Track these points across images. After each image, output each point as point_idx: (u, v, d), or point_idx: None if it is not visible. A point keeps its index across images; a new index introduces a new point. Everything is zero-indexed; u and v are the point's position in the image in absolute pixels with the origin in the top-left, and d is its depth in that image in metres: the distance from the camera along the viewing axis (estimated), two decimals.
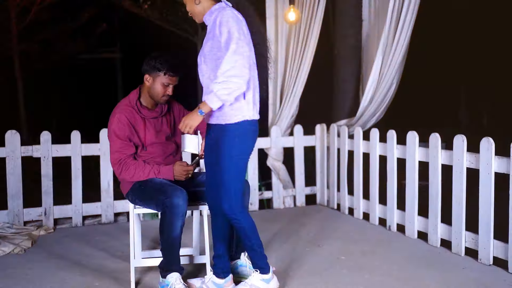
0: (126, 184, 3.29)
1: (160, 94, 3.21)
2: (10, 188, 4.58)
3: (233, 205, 2.91)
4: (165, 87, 3.20)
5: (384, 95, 5.13)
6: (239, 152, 2.87)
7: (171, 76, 3.19)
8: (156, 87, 3.20)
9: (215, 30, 2.79)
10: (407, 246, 4.14)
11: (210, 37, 2.84)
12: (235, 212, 2.93)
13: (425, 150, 4.23)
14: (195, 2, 2.88)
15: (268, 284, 3.08)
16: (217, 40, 2.78)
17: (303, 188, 5.61)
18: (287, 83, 5.47)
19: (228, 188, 2.89)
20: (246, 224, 2.98)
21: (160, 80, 3.19)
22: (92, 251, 4.05)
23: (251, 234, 3.00)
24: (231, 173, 2.89)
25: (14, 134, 4.60)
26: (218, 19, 2.78)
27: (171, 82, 3.20)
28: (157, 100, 3.25)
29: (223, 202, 2.91)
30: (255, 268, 3.08)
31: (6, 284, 3.38)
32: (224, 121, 2.85)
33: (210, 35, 2.84)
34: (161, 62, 3.16)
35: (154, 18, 10.71)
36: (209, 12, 2.89)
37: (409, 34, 4.89)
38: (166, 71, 3.17)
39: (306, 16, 5.31)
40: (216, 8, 2.88)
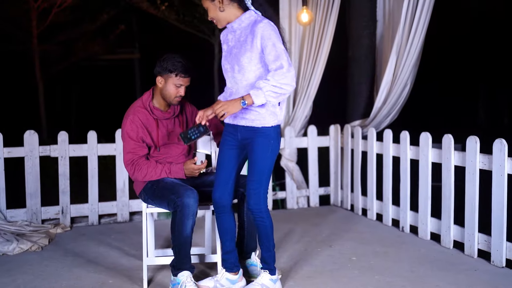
0: (139, 184, 3.35)
1: (172, 95, 3.27)
2: (28, 187, 4.69)
3: (262, 203, 3.01)
4: (177, 88, 3.26)
5: (398, 96, 5.11)
6: (273, 154, 3.00)
7: (182, 78, 3.24)
8: (168, 89, 3.26)
9: (255, 42, 2.86)
10: (419, 247, 4.13)
11: (247, 48, 2.89)
12: (262, 210, 3.02)
13: (438, 151, 4.21)
14: (219, 10, 2.93)
15: (275, 284, 3.15)
16: (257, 52, 2.87)
17: (317, 188, 5.63)
18: (301, 84, 5.49)
19: (259, 187, 2.99)
20: (269, 223, 3.07)
21: (172, 81, 3.24)
22: (107, 249, 4.13)
23: (271, 233, 3.09)
24: (264, 174, 3.00)
25: (32, 134, 4.70)
26: (258, 32, 2.84)
27: (183, 83, 3.26)
28: (169, 101, 3.30)
29: (252, 200, 2.99)
30: (265, 269, 3.13)
31: (23, 280, 3.47)
32: (261, 124, 2.96)
33: (248, 46, 2.89)
34: (173, 64, 3.22)
35: (171, 19, 10.81)
36: (238, 20, 2.95)
37: (423, 34, 4.87)
38: (177, 73, 3.22)
39: (320, 17, 5.32)
40: (247, 17, 2.94)
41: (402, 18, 4.87)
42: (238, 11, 2.95)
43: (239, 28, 2.96)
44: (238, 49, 2.94)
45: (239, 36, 2.96)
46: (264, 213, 3.03)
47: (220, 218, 3.15)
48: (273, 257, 3.14)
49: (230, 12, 2.94)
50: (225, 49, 3.06)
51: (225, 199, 3.11)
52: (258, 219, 3.04)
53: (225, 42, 3.07)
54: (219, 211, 3.14)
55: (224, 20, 2.97)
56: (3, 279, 3.49)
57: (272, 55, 2.83)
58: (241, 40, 2.94)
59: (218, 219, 3.16)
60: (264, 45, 2.84)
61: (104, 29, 11.65)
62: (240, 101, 2.82)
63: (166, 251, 3.77)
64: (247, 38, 2.91)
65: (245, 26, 2.94)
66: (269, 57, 2.84)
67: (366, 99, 5.54)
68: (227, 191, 3.11)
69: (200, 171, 3.23)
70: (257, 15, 2.95)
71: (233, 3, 2.93)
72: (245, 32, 2.93)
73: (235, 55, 2.95)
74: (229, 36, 3.03)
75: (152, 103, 3.32)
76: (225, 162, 3.10)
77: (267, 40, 2.83)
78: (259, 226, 3.06)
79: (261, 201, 3.01)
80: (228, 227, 3.17)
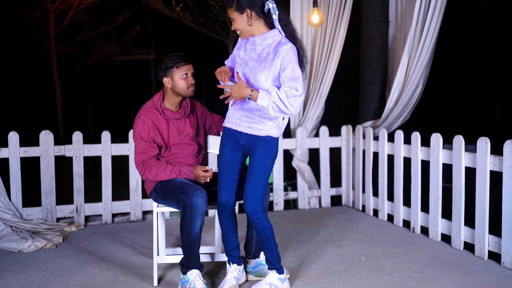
0: (149, 184, 3.41)
1: (185, 86, 3.32)
2: (43, 186, 4.79)
3: (258, 207, 3.08)
4: (186, 78, 3.32)
5: (410, 97, 5.11)
6: (272, 162, 3.12)
7: (183, 66, 3.31)
8: (178, 83, 3.31)
9: (276, 61, 2.96)
10: (429, 248, 4.12)
11: (267, 66, 2.98)
12: (258, 212, 3.08)
13: (449, 152, 4.20)
14: (247, 23, 3.00)
15: (283, 283, 3.19)
16: (275, 71, 2.97)
17: (329, 189, 5.64)
18: (313, 85, 5.51)
19: (257, 191, 3.07)
20: (267, 225, 3.13)
21: (177, 74, 3.30)
22: (120, 248, 4.20)
23: (270, 235, 3.14)
24: (263, 180, 3.10)
25: (47, 134, 4.80)
26: (281, 53, 2.94)
27: (187, 71, 3.31)
28: (185, 94, 3.34)
29: (249, 204, 3.06)
30: (272, 269, 3.17)
31: (37, 277, 3.55)
32: (266, 134, 3.08)
33: (268, 64, 2.98)
34: (170, 60, 3.30)
35: (186, 20, 10.91)
36: (263, 36, 3.02)
37: (435, 35, 4.86)
38: (178, 64, 3.30)
39: (332, 18, 5.34)
40: (272, 35, 3.01)
41: (414, 19, 4.86)
42: (264, 27, 3.04)
43: (261, 44, 3.04)
44: (257, 64, 3.02)
45: (260, 51, 3.04)
46: (261, 215, 3.08)
47: (226, 218, 3.21)
48: (277, 256, 3.18)
49: (256, 27, 3.02)
50: (240, 56, 3.13)
51: (232, 200, 3.18)
52: (256, 221, 3.09)
53: (242, 48, 3.15)
54: (225, 212, 3.19)
55: (248, 33, 3.05)
56: (18, 275, 3.58)
57: (289, 77, 2.94)
58: (262, 56, 3.03)
59: (224, 219, 3.21)
60: (283, 66, 2.95)
61: (120, 31, 11.79)
62: (249, 93, 2.93)
63: (177, 250, 3.83)
64: (268, 56, 3.00)
65: (269, 44, 3.02)
66: (286, 78, 2.95)
67: (378, 100, 5.54)
68: (233, 193, 3.18)
69: (205, 180, 3.25)
70: (281, 35, 3.02)
71: (260, 19, 3.01)
72: (267, 49, 3.02)
73: (252, 69, 3.03)
74: (248, 46, 3.11)
75: (163, 104, 3.38)
76: (228, 164, 3.17)
77: (288, 63, 2.94)
78: (258, 229, 3.12)
79: (257, 205, 3.06)
80: (234, 225, 3.24)
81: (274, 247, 3.16)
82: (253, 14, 2.98)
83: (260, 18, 3.01)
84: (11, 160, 4.67)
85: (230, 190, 3.16)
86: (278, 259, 3.19)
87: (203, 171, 3.24)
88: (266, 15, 3.01)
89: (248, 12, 2.97)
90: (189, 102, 3.48)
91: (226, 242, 3.26)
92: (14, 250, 4.10)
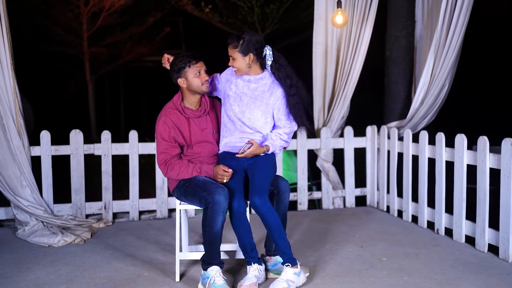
0: (172, 182, 3.50)
1: (199, 84, 3.41)
2: (73, 183, 4.95)
3: (266, 198, 3.27)
4: (199, 76, 3.40)
5: (436, 97, 5.06)
6: (274, 168, 3.51)
7: (195, 64, 3.40)
8: (192, 82, 3.40)
9: (272, 99, 3.44)
10: (453, 250, 4.09)
11: (263, 103, 3.43)
12: (266, 201, 3.26)
13: (474, 153, 4.16)
14: (247, 66, 3.41)
15: (298, 277, 3.29)
16: (271, 107, 3.45)
17: (353, 189, 5.64)
18: (338, 85, 5.52)
19: (264, 185, 3.33)
20: (276, 214, 3.30)
21: (191, 73, 3.39)
22: (145, 244, 4.31)
23: (280, 224, 3.32)
24: (267, 176, 3.41)
25: (77, 133, 4.95)
26: (277, 94, 3.43)
27: (199, 69, 3.41)
28: (201, 91, 3.43)
29: (258, 196, 3.24)
30: (286, 261, 3.28)
31: (65, 271, 3.69)
32: (271, 151, 3.48)
33: (264, 100, 3.43)
34: (181, 61, 3.40)
35: (215, 21, 11.03)
36: (259, 76, 3.46)
37: (462, 34, 4.80)
38: (189, 63, 3.39)
39: (357, 17, 5.33)
40: (264, 76, 3.47)
41: (440, 18, 4.82)
42: (259, 69, 3.47)
43: (256, 82, 3.46)
44: (252, 100, 3.43)
45: (254, 88, 3.46)
46: (269, 204, 3.26)
47: (240, 222, 3.29)
48: (289, 246, 3.32)
49: (253, 68, 3.45)
50: (232, 90, 3.49)
51: (242, 206, 3.28)
52: (266, 210, 3.24)
53: (233, 82, 3.51)
54: (238, 217, 3.28)
55: (244, 72, 3.44)
56: (47, 269, 3.72)
57: (286, 115, 3.47)
58: (256, 93, 3.45)
59: (238, 224, 3.29)
60: (278, 106, 3.45)
61: (151, 32, 12.00)
62: (263, 152, 3.41)
63: (200, 247, 3.90)
64: (263, 94, 3.44)
65: (263, 83, 3.46)
66: (283, 115, 3.46)
67: (404, 100, 5.50)
68: (243, 199, 3.29)
69: (223, 178, 3.32)
70: (272, 78, 3.48)
71: (257, 62, 3.44)
72: (262, 88, 3.45)
73: (247, 104, 3.43)
74: (240, 81, 3.49)
75: (183, 104, 3.46)
76: (235, 169, 3.38)
77: (281, 104, 3.45)
78: (268, 218, 3.24)
79: (265, 196, 3.26)
80: (248, 228, 3.33)
81: (286, 236, 3.31)
82: (254, 58, 3.38)
83: (257, 61, 3.42)
84: (43, 158, 4.85)
85: (240, 197, 3.27)
86: (290, 249, 3.31)
87: (224, 170, 3.30)
88: (262, 59, 3.43)
89: (250, 56, 3.37)
90: (209, 99, 3.57)
91: (243, 245, 3.33)
92: (44, 245, 4.26)
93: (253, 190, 3.27)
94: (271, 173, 3.42)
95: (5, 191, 4.57)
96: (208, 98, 3.56)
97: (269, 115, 3.48)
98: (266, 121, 3.47)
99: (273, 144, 3.46)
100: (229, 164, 3.42)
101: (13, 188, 4.57)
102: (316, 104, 5.62)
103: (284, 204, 3.51)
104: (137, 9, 11.34)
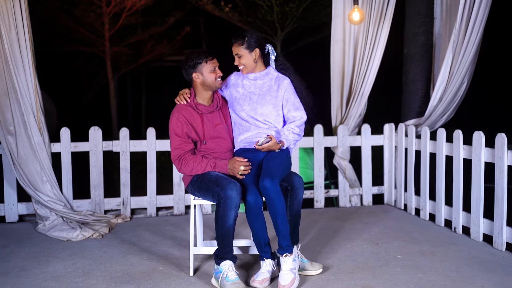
0: (186, 178, 3.54)
1: (213, 79, 3.46)
2: (92, 179, 5.03)
3: (276, 182, 3.31)
4: (214, 72, 3.46)
5: (454, 94, 5.00)
6: (288, 160, 3.57)
7: (211, 60, 3.46)
8: (207, 77, 3.45)
9: (280, 92, 3.56)
10: (470, 248, 4.04)
11: (272, 97, 3.54)
12: (277, 184, 3.31)
13: (492, 150, 4.11)
14: (254, 61, 3.55)
15: (296, 262, 3.37)
16: (280, 100, 3.56)
17: (370, 187, 5.61)
18: (355, 82, 5.50)
19: (276, 171, 3.37)
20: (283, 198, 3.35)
21: (206, 69, 3.44)
22: (161, 239, 4.36)
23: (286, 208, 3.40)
24: (281, 165, 3.45)
25: (96, 130, 5.04)
26: (284, 85, 3.56)
27: (215, 65, 3.48)
28: (215, 86, 3.48)
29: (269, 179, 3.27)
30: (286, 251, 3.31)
31: (82, 264, 3.76)
32: (286, 146, 3.55)
33: (273, 94, 3.55)
34: (196, 56, 3.45)
35: (235, 20, 11.07)
36: (264, 72, 3.59)
37: (481, 31, 4.74)
38: (206, 59, 3.45)
39: (375, 15, 5.31)
40: (270, 72, 3.61)
41: (459, 15, 4.76)
42: (263, 65, 3.62)
43: (262, 79, 3.58)
44: (261, 96, 3.54)
45: (260, 85, 3.58)
46: (278, 187, 3.30)
47: (256, 217, 3.31)
48: (290, 234, 3.38)
49: (258, 65, 3.59)
50: (240, 92, 3.59)
51: (259, 201, 3.30)
52: (275, 193, 3.27)
53: (238, 86, 3.61)
54: (254, 211, 3.30)
55: (250, 69, 3.57)
56: (65, 262, 3.80)
57: (293, 107, 3.58)
58: (264, 89, 3.56)
59: (253, 218, 3.31)
60: (287, 97, 3.57)
61: (172, 31, 12.12)
62: (280, 147, 3.48)
63: (214, 243, 3.93)
64: (270, 88, 3.56)
65: (269, 79, 3.59)
66: (291, 108, 3.57)
67: (422, 98, 5.46)
68: (258, 193, 3.31)
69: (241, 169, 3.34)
70: (277, 72, 3.63)
71: (261, 59, 3.59)
72: (269, 83, 3.58)
73: (257, 101, 3.54)
74: (246, 82, 3.60)
75: (195, 100, 3.50)
76: (251, 164, 3.42)
77: (290, 94, 3.57)
78: (277, 202, 3.27)
79: (276, 180, 3.31)
80: (263, 222, 3.34)
81: (288, 222, 3.38)
82: (259, 53, 3.53)
83: (261, 57, 3.58)
84: (63, 154, 4.95)
85: (256, 190, 3.30)
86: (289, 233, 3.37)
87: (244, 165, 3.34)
88: (265, 56, 3.62)
89: (256, 51, 3.52)
90: (221, 95, 3.61)
91: (257, 239, 3.35)
92: (63, 239, 4.35)
93: (265, 174, 3.31)
94: (285, 164, 3.46)
95: (26, 187, 4.67)
96: (220, 94, 3.60)
97: (280, 107, 3.58)
98: (278, 114, 3.57)
99: (287, 139, 3.53)
100: (245, 157, 3.46)
101: (34, 183, 4.67)
102: (334, 102, 5.61)
103: (298, 201, 3.50)
104: (158, 9, 11.47)
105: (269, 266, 3.36)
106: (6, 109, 4.59)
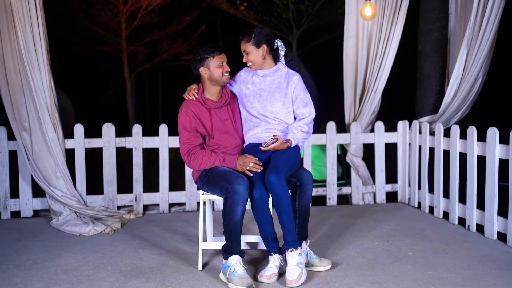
0: (195, 172, 3.55)
1: (220, 74, 3.45)
2: (105, 175, 5.08)
3: (282, 177, 3.29)
4: (221, 67, 3.45)
5: (469, 91, 4.93)
6: (297, 156, 3.54)
7: (218, 55, 3.46)
8: (214, 72, 3.45)
9: (289, 88, 3.53)
10: (483, 246, 3.98)
11: (282, 93, 3.52)
12: (282, 179, 3.28)
13: (506, 147, 4.03)
14: (262, 57, 3.52)
15: (302, 256, 3.36)
16: (290, 96, 3.54)
17: (384, 185, 5.56)
18: (369, 79, 5.45)
19: (284, 166, 3.34)
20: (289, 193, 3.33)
21: (213, 64, 3.44)
22: (172, 235, 4.38)
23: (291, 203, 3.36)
24: (288, 162, 3.41)
25: (109, 126, 5.09)
26: (293, 82, 3.53)
27: (222, 60, 3.47)
28: (222, 81, 3.48)
29: (275, 173, 3.26)
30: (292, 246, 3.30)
31: (93, 257, 3.80)
32: (294, 145, 3.52)
33: (282, 91, 3.52)
34: (204, 51, 3.44)
35: (250, 19, 11.08)
36: (273, 68, 3.57)
37: (495, 27, 4.66)
38: (213, 54, 3.44)
39: (389, 10, 5.26)
40: (281, 68, 3.59)
41: (474, 10, 4.69)
42: (272, 61, 3.59)
43: (272, 75, 3.57)
44: (271, 93, 3.53)
45: (271, 82, 3.56)
46: (284, 182, 3.27)
47: (262, 212, 3.30)
48: (295, 229, 3.39)
49: (267, 61, 3.56)
50: (250, 89, 3.57)
51: (264, 195, 3.29)
52: (280, 188, 3.25)
53: (249, 82, 3.60)
54: (261, 207, 3.29)
55: (259, 66, 3.55)
56: (77, 255, 3.85)
57: (302, 104, 3.55)
58: (274, 86, 3.55)
59: (260, 214, 3.30)
60: (296, 94, 3.54)
61: (188, 30, 12.17)
62: (287, 145, 3.44)
63: (223, 238, 3.93)
64: (280, 85, 3.54)
65: (279, 75, 3.56)
66: (300, 104, 3.54)
67: (436, 94, 5.39)
68: (264, 189, 3.30)
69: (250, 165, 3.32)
70: (287, 68, 3.59)
71: (270, 55, 3.55)
72: (279, 80, 3.55)
73: (267, 98, 3.52)
74: (255, 79, 3.59)
75: (203, 95, 3.51)
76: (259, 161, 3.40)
77: (300, 90, 3.54)
78: (282, 197, 3.26)
79: (282, 175, 3.28)
80: (270, 217, 3.34)
81: (293, 217, 3.36)
82: (267, 49, 3.49)
83: (270, 54, 3.54)
84: (77, 150, 5.00)
85: (262, 185, 3.29)
86: (294, 227, 3.37)
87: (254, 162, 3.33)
88: (274, 52, 3.57)
89: (264, 47, 3.49)
90: (229, 90, 3.61)
91: (264, 234, 3.35)
92: (76, 234, 4.40)
93: (271, 169, 3.29)
94: (293, 159, 3.43)
95: (41, 182, 4.74)
96: (228, 89, 3.60)
97: (290, 104, 3.56)
98: (288, 111, 3.55)
99: (295, 137, 3.50)
100: (253, 155, 3.45)
101: (48, 179, 4.73)
102: (347, 98, 5.58)
103: (307, 197, 3.49)
104: (174, 8, 11.52)
105: (277, 261, 3.36)
106: (21, 105, 4.66)
